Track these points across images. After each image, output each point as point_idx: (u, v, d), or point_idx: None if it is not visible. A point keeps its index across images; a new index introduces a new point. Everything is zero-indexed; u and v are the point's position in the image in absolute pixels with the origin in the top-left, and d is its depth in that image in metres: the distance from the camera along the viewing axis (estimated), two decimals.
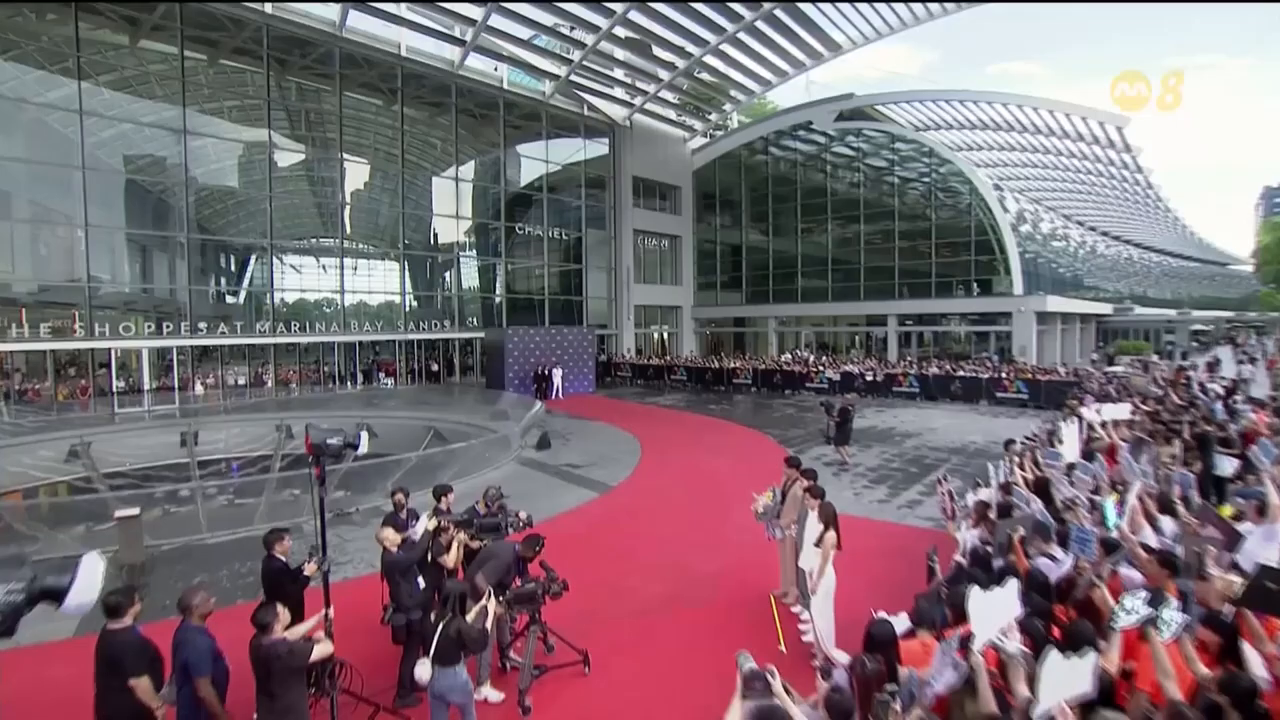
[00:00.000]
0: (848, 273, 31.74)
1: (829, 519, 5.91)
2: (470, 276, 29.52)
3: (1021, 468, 6.32)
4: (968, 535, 5.39)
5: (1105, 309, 37.42)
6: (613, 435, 15.84)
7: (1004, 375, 19.62)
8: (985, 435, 15.37)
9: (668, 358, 30.98)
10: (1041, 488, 5.64)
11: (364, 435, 4.82)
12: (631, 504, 10.74)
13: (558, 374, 22.31)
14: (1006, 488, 6.15)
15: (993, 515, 5.49)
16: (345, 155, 24.45)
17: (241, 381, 22.84)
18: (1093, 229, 41.65)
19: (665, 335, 37.14)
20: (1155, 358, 26.09)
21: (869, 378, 21.96)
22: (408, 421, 18.91)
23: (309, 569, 5.16)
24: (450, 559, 5.68)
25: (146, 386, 20.51)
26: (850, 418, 12.85)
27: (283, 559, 5.37)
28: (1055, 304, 26.64)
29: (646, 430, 16.19)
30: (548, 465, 13.02)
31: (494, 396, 20.62)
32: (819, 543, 5.90)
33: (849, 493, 11.12)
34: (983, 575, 4.26)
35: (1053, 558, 4.47)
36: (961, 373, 20.32)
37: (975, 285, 27.71)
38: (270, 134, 22.34)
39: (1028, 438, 8.54)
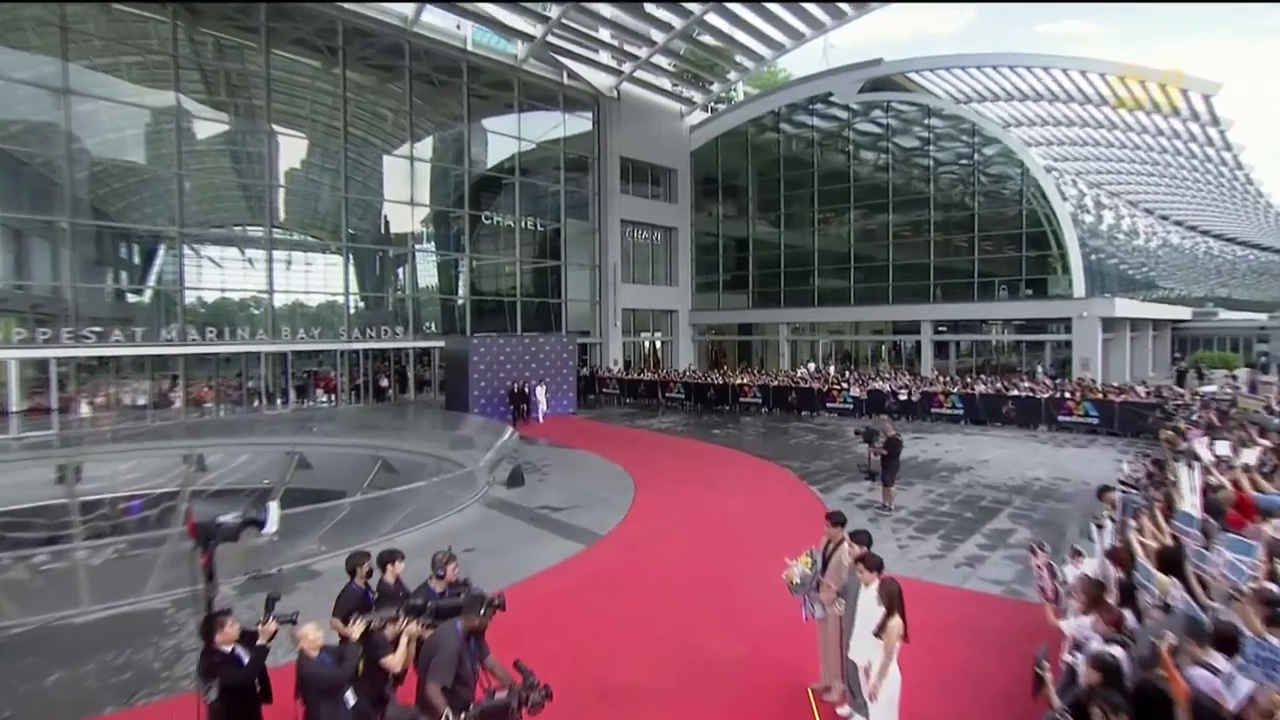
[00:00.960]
0: (873, 272, 31.60)
1: (892, 600, 5.22)
2: (428, 274, 29.26)
3: (1139, 530, 5.65)
4: (1079, 626, 4.71)
5: (1182, 313, 37.00)
6: (599, 468, 15.58)
7: (1068, 395, 19.15)
8: (1051, 470, 14.86)
9: (662, 371, 30.76)
10: (1171, 560, 4.98)
11: (273, 509, 4.09)
12: (625, 560, 10.06)
13: (540, 391, 21.78)
14: (1119, 558, 5.49)
15: (1111, 599, 4.81)
16: (275, 127, 23.78)
17: (142, 401, 21.92)
18: (1165, 218, 41.05)
19: (658, 344, 37.04)
20: (1263, 373, 25.51)
21: (902, 397, 21.54)
22: (350, 450, 18.43)
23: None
24: (397, 660, 4.90)
25: (14, 407, 19.36)
26: (899, 450, 12.27)
27: (228, 651, 4.68)
28: (1124, 308, 26.28)
29: (639, 461, 15.89)
30: (521, 508, 12.50)
31: (455, 420, 20.18)
32: (879, 631, 5.21)
33: (892, 544, 10.51)
34: (1120, 699, 3.55)
35: (1213, 669, 3.78)
36: (1015, 392, 19.84)
37: (1026, 286, 27.42)
38: (179, 98, 21.51)
39: (1125, 482, 7.92)
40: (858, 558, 5.84)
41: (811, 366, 31.21)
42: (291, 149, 24.66)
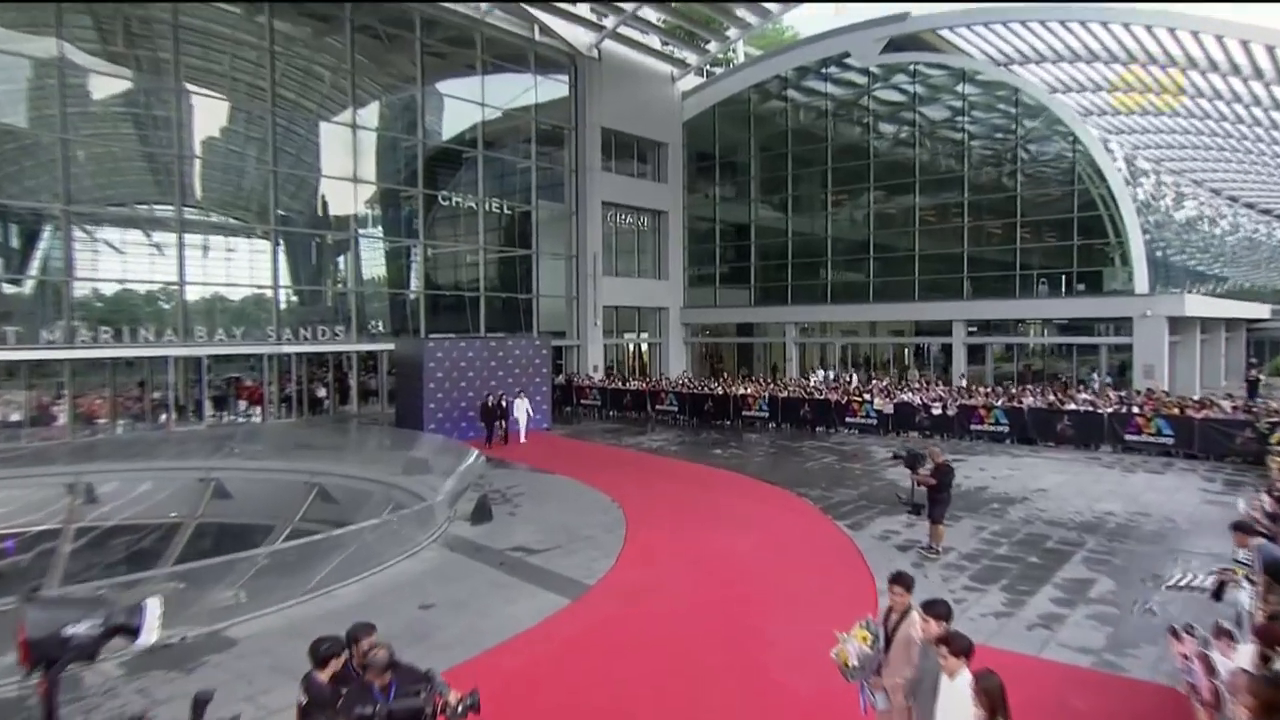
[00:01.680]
0: (895, 263, 31.54)
1: (995, 701, 4.51)
2: (374, 264, 29.06)
3: None
4: None
5: (1260, 311, 36.69)
6: (581, 497, 15.16)
7: (1137, 409, 18.73)
8: (1125, 502, 14.38)
9: (650, 379, 30.43)
10: None
11: (151, 610, 3.29)
12: (620, 618, 9.39)
13: (521, 407, 21.50)
14: (1275, 636, 4.82)
15: None
16: (187, 85, 23.04)
17: (15, 417, 21.09)
18: (1235, 200, 40.53)
19: (644, 347, 37.03)
20: None
21: (936, 411, 21.14)
22: (279, 475, 17.89)
23: None
24: None
25: None
26: (950, 479, 11.68)
27: None
28: (1196, 306, 25.89)
29: (630, 489, 15.62)
30: (489, 550, 11.89)
31: (408, 439, 19.55)
32: None
33: (945, 597, 9.80)
34: None
35: None
36: (1072, 406, 19.41)
37: (1077, 280, 27.21)
38: (62, 47, 20.56)
39: (1244, 525, 7.28)
40: (939, 639, 5.13)
41: (823, 374, 30.91)
42: (208, 112, 24.01)
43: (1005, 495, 14.98)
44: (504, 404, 21.18)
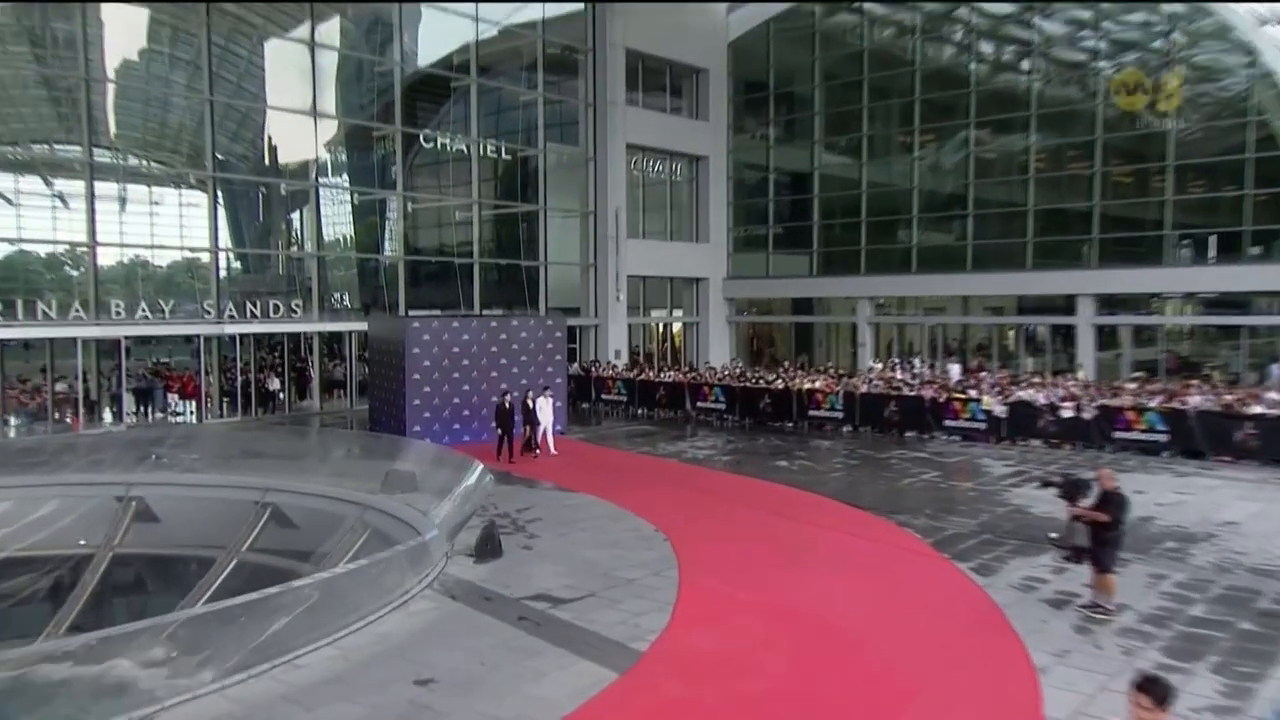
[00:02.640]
0: (1000, 222, 31.04)
1: None
2: (339, 222, 29.35)
3: None
4: None
5: None
6: (614, 524, 14.75)
7: None
8: None
9: (689, 370, 29.93)
10: None
11: None
12: (690, 705, 8.53)
13: (547, 408, 20.93)
14: None
15: None
16: None
17: None
18: None
19: (677, 328, 37.20)
20: None
21: (1066, 413, 20.51)
22: (220, 492, 17.79)
23: None
24: None
25: None
26: (1125, 513, 10.65)
27: None
28: None
29: (674, 512, 15.39)
30: (502, 598, 11.26)
31: (387, 446, 19.39)
32: None
33: (1130, 673, 8.85)
34: None
35: None
36: (1259, 409, 18.39)
37: (1249, 241, 26.21)
38: None
39: None
40: None
41: (916, 364, 30.30)
42: (122, 27, 23.80)
43: (1181, 530, 14.16)
44: (529, 404, 20.41)
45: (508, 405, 19.84)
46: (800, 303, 36.56)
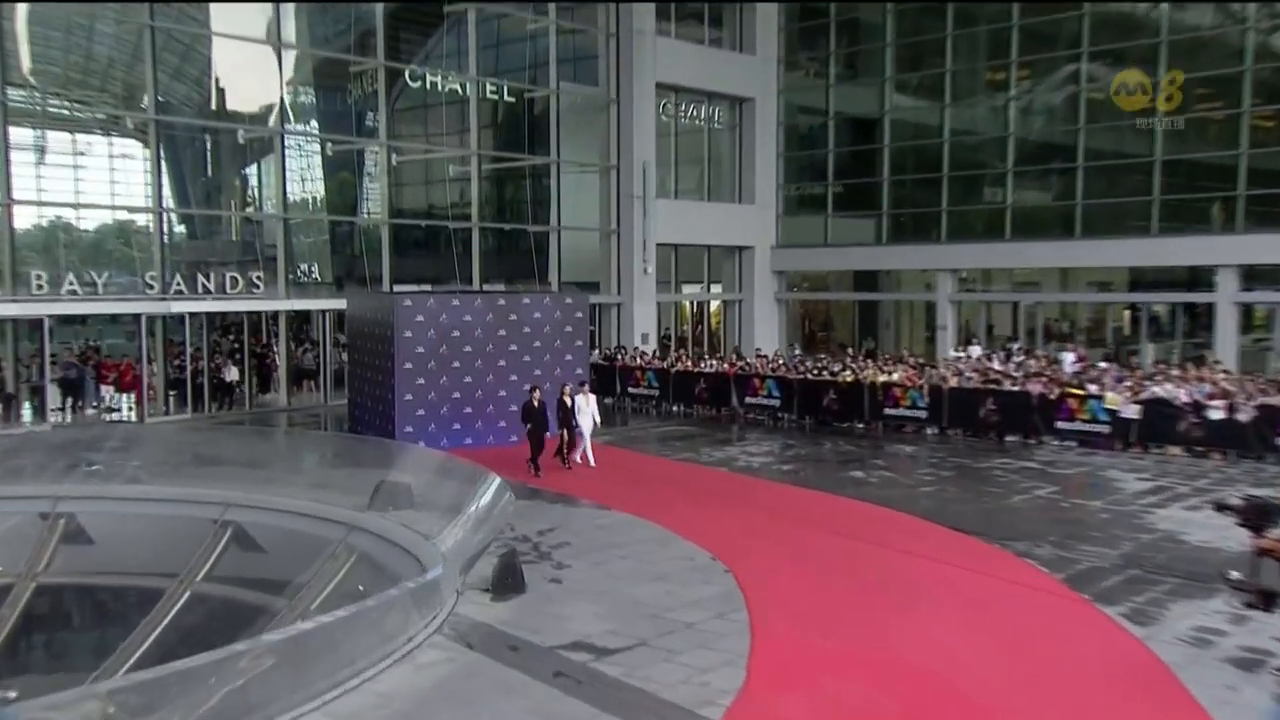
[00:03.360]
0: (1117, 178, 30.79)
1: None
2: (308, 178, 29.23)
3: None
4: None
5: None
6: (660, 550, 14.47)
7: None
8: None
9: (734, 359, 29.70)
10: None
11: None
12: None
13: (587, 406, 20.26)
14: None
15: None
16: None
17: None
18: None
19: (715, 308, 37.33)
20: None
21: (1216, 414, 20.08)
22: (169, 508, 17.66)
23: None
24: None
25: None
26: None
27: None
28: None
29: (732, 535, 15.15)
30: (531, 646, 10.89)
31: (374, 451, 19.30)
32: None
33: None
34: None
35: None
36: None
37: None
38: None
39: None
40: None
41: (1010, 350, 29.60)
42: None
43: None
44: (566, 401, 19.83)
45: (537, 404, 19.32)
46: (863, 277, 36.51)
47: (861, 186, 35.78)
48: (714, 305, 37.17)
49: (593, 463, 20.01)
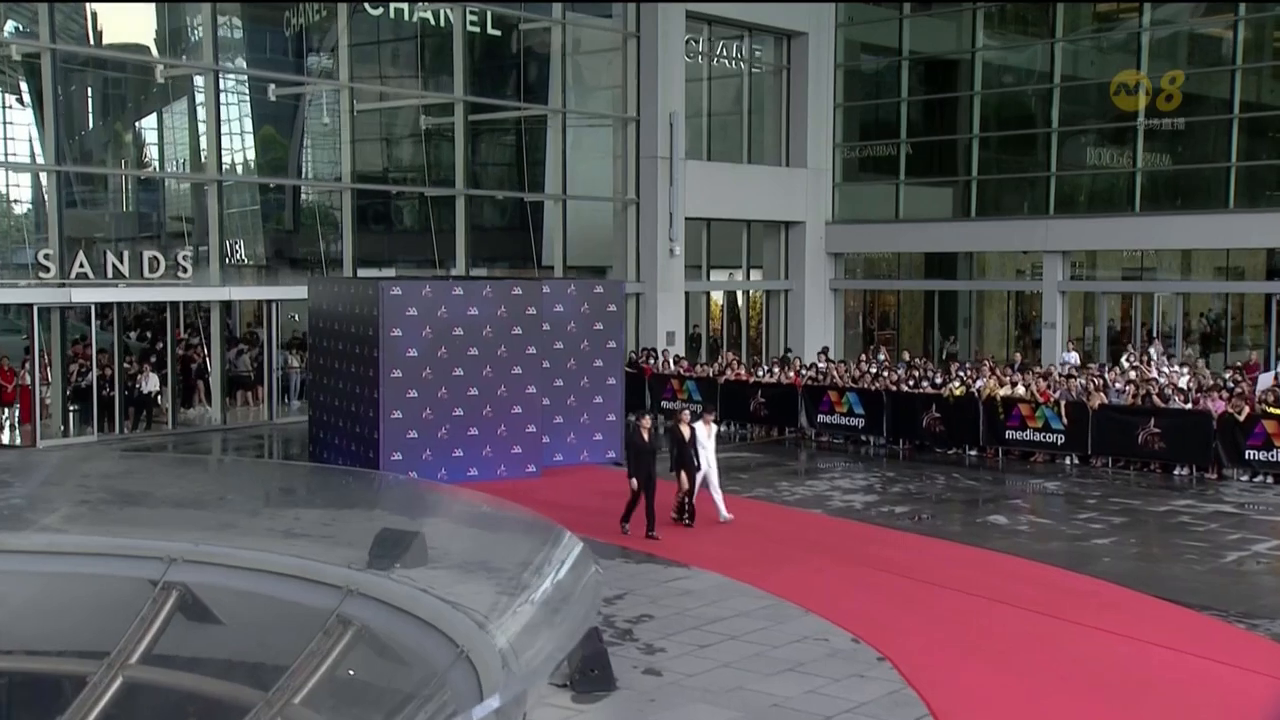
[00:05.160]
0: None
1: None
2: (244, 127, 28.72)
3: None
4: None
5: None
6: (775, 625, 13.73)
7: None
8: None
9: (800, 369, 29.31)
10: None
11: None
12: None
13: (708, 438, 19.08)
14: None
15: None
16: None
17: None
18: None
19: (747, 298, 37.84)
20: None
21: None
22: (87, 565, 15.15)
23: None
24: None
25: None
26: None
27: None
28: None
29: (864, 605, 14.54)
30: None
31: (358, 486, 17.72)
32: None
33: None
34: None
35: None
36: None
37: None
38: None
39: None
40: None
41: (1151, 355, 29.58)
42: None
43: None
44: (681, 432, 18.48)
45: (646, 436, 17.99)
46: (936, 261, 36.71)
47: (941, 146, 36.11)
48: (751, 296, 37.21)
49: (724, 513, 18.63)
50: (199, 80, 27.24)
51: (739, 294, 37.09)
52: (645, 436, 17.64)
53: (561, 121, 31.50)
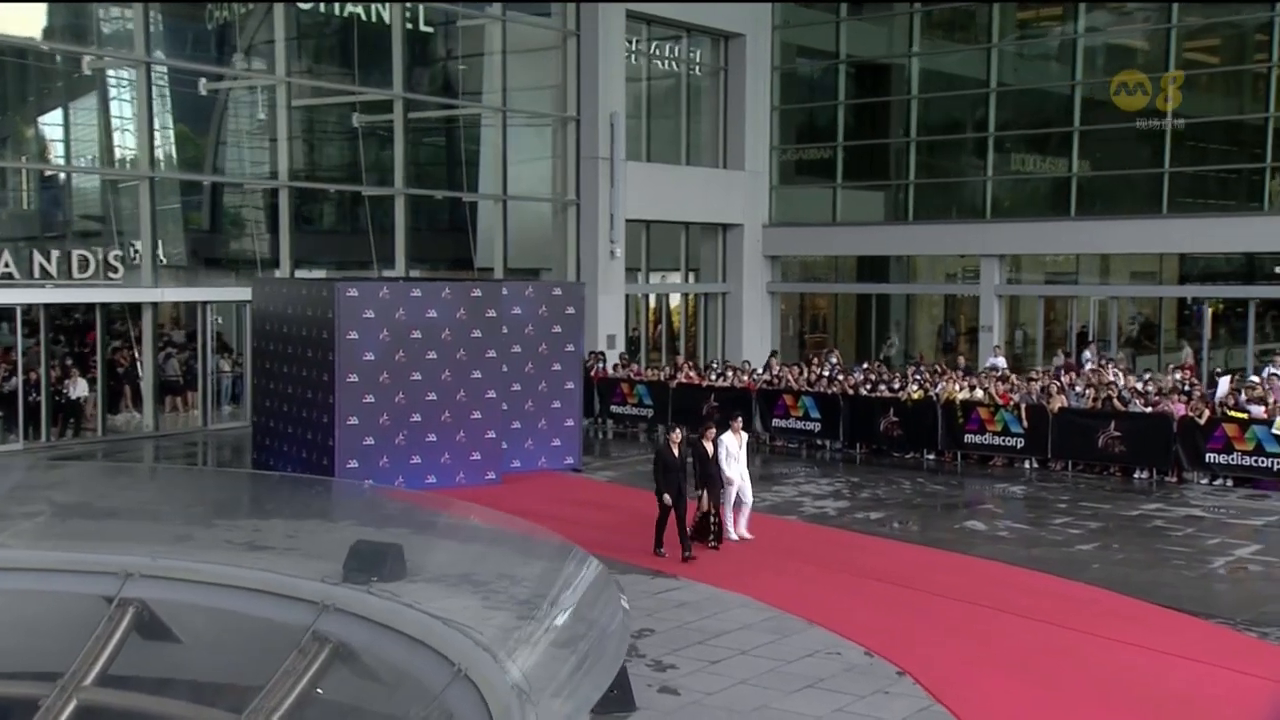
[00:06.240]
0: (1224, 137, 31.01)
1: None
2: (176, 115, 28.26)
3: None
4: None
5: None
6: (780, 639, 13.42)
7: None
8: None
9: (748, 372, 29.25)
10: None
11: None
12: None
13: (738, 449, 18.18)
14: None
15: None
16: None
17: None
18: None
19: (676, 302, 37.89)
20: None
21: None
22: (34, 581, 15.12)
23: None
24: None
25: None
26: None
27: None
28: None
29: (866, 615, 14.31)
30: None
31: (318, 494, 18.20)
32: None
33: None
34: None
35: None
36: None
37: None
38: None
39: None
40: None
41: (1086, 357, 30.06)
42: None
43: None
44: (705, 445, 17.45)
45: (676, 451, 17.04)
46: (868, 265, 37.02)
47: (878, 150, 36.20)
48: (674, 300, 37.16)
49: (745, 533, 17.93)
50: (127, 74, 26.53)
51: (671, 297, 36.89)
52: (675, 451, 16.84)
53: (502, 120, 31.17)
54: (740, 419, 19.00)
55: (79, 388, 25.43)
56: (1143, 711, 11.31)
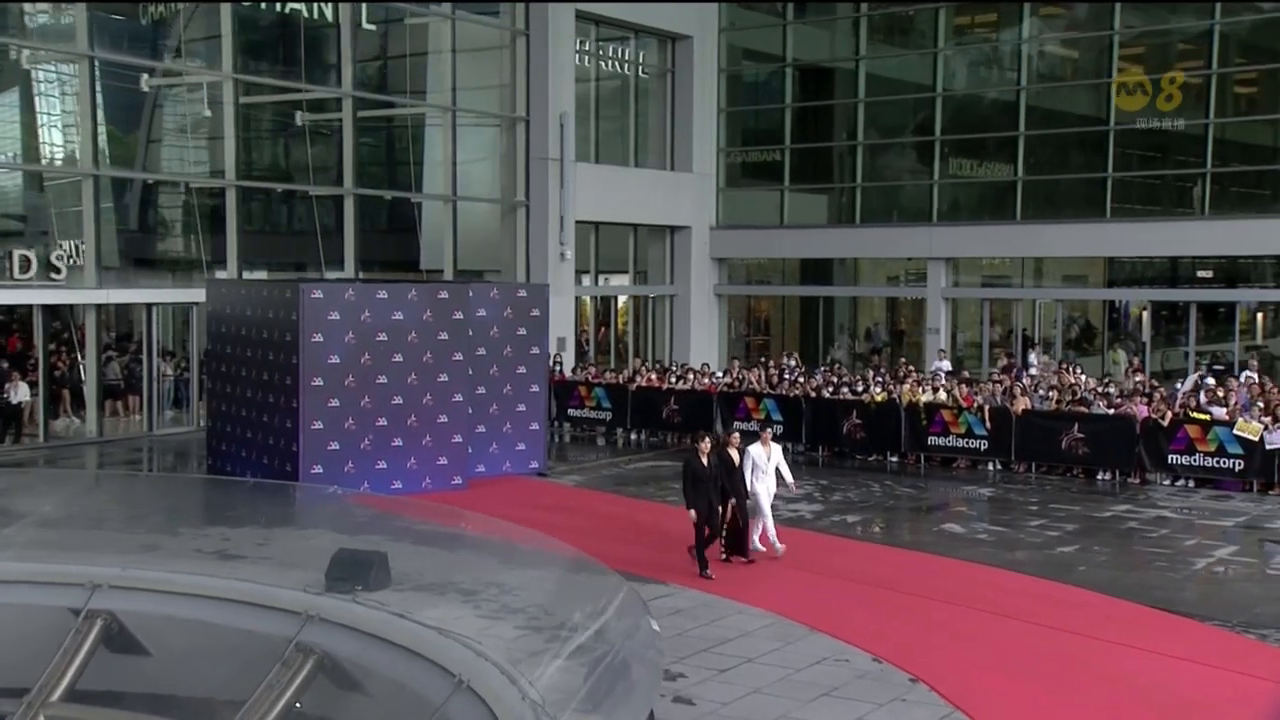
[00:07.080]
0: (1173, 144, 31.26)
1: None
2: (122, 120, 27.69)
3: None
4: None
5: None
6: (785, 645, 13.25)
7: None
8: None
9: (708, 374, 29.36)
10: None
11: None
12: None
13: (769, 460, 17.35)
14: None
15: None
16: None
17: None
18: None
19: (624, 305, 37.87)
20: None
21: None
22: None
23: None
24: None
25: None
26: None
27: None
28: None
29: (867, 620, 14.20)
30: None
31: (275, 503, 17.71)
32: None
33: None
34: None
35: None
36: None
37: None
38: None
39: None
40: None
41: (1031, 361, 30.56)
42: None
43: None
44: (731, 455, 16.61)
45: (705, 461, 16.11)
46: (812, 267, 36.97)
47: (824, 152, 36.30)
48: (620, 302, 37.10)
49: (778, 546, 17.06)
50: (68, 70, 26.07)
51: (618, 299, 36.88)
52: (704, 461, 15.90)
53: (451, 120, 31.03)
54: (769, 431, 18.64)
55: (20, 392, 24.86)
56: (1156, 716, 11.22)
